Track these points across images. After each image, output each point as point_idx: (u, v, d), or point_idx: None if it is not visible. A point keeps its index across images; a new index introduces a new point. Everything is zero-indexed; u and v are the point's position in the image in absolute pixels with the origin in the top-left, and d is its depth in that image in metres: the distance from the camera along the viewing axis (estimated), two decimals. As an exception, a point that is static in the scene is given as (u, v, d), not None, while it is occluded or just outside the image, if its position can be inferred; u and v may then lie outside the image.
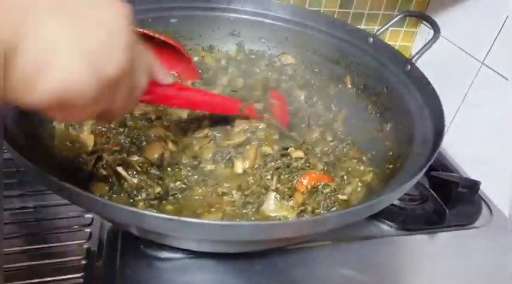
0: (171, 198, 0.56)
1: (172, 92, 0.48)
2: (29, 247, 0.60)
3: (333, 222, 0.41)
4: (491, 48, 0.82)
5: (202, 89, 0.73)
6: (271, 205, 0.55)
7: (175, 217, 0.33)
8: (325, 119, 0.79)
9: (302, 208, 0.55)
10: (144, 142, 0.61)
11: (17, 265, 0.57)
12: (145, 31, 0.67)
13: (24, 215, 0.65)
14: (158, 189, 0.54)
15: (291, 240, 0.54)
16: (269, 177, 0.59)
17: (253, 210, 0.56)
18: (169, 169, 0.60)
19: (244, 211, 0.56)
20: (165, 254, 0.58)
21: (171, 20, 0.77)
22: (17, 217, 0.64)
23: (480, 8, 0.86)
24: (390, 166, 0.61)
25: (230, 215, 0.56)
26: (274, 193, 0.56)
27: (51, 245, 0.61)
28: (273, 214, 0.56)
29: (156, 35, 0.68)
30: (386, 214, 0.70)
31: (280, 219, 0.54)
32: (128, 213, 0.34)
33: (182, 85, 0.49)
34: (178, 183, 0.58)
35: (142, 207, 0.52)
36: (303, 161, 0.62)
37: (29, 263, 0.57)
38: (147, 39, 0.68)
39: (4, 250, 0.58)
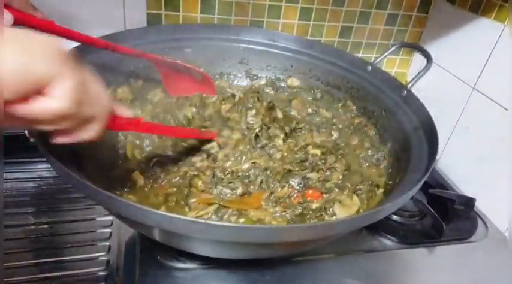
0: None
1: (135, 122, 0.52)
2: (48, 260, 0.64)
3: (336, 229, 0.45)
4: (481, 74, 0.87)
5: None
6: None
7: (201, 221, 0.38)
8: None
9: None
10: None
11: (41, 276, 0.61)
12: (166, 58, 0.76)
13: (39, 231, 0.68)
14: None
15: (299, 247, 0.58)
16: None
17: None
18: None
19: None
20: (181, 264, 0.61)
21: (186, 50, 0.83)
22: (31, 233, 0.68)
23: (470, 38, 0.91)
24: (390, 182, 0.66)
25: None
26: None
27: (75, 258, 0.65)
28: None
29: (178, 61, 0.78)
30: (388, 229, 0.74)
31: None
32: (158, 216, 0.39)
33: (140, 119, 0.55)
34: None
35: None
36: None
37: (45, 275, 0.61)
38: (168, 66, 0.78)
39: (18, 263, 0.62)
